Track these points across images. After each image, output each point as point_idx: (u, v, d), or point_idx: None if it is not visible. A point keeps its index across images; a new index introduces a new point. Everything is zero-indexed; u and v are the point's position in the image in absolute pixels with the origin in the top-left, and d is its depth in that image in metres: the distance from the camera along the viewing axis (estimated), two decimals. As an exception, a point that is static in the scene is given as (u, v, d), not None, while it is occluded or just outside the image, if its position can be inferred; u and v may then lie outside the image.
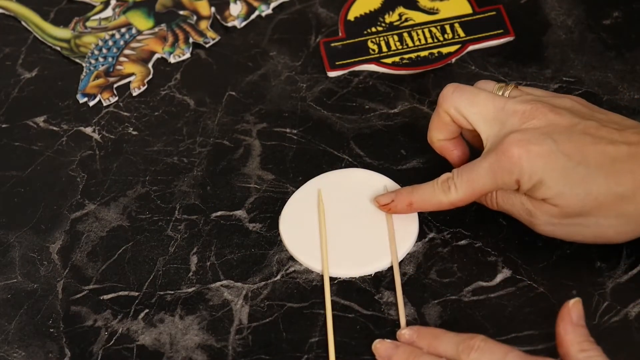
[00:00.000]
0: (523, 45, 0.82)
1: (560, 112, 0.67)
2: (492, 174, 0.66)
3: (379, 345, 0.66)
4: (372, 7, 0.86)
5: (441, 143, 0.71)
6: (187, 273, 0.72)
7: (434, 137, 0.71)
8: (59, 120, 0.82)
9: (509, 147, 0.65)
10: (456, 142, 0.71)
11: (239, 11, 0.88)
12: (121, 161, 0.79)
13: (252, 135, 0.79)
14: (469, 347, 0.62)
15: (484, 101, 0.68)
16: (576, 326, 0.61)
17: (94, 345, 0.69)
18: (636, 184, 0.64)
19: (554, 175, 0.65)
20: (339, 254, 0.71)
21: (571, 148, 0.65)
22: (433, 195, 0.69)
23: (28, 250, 0.74)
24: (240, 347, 0.68)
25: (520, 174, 0.65)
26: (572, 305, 0.61)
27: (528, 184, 0.65)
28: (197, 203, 0.76)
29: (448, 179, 0.68)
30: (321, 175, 0.76)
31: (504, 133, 0.66)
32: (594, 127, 0.66)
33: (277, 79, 0.83)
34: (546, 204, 0.66)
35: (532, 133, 0.65)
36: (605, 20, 0.83)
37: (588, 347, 0.61)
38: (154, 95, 0.83)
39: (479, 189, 0.67)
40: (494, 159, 0.66)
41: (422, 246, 0.72)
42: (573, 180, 0.65)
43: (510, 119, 0.67)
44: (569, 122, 0.66)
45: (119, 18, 0.88)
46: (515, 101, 0.68)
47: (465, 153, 0.72)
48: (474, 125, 0.69)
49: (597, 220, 0.65)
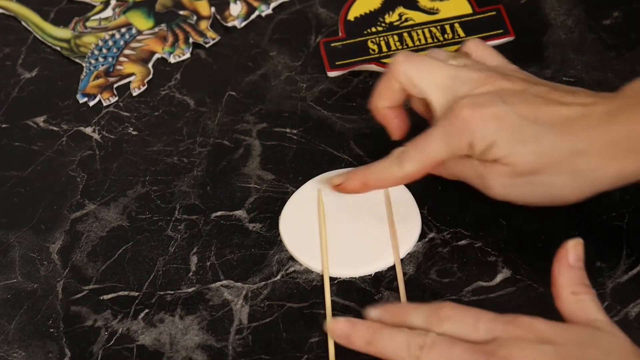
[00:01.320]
0: (523, 45, 0.82)
1: (512, 78, 0.67)
2: (445, 140, 0.66)
3: (332, 325, 0.64)
4: (372, 7, 0.86)
5: (385, 111, 0.71)
6: (187, 273, 0.72)
7: (378, 104, 0.71)
8: (59, 120, 0.82)
9: (460, 111, 0.65)
10: (398, 110, 0.71)
11: (239, 11, 0.88)
12: (121, 161, 0.79)
13: (252, 135, 0.79)
14: (439, 318, 0.60)
15: (436, 69, 0.68)
16: (571, 268, 0.61)
17: (94, 345, 0.69)
18: (590, 140, 0.64)
19: (506, 135, 0.65)
20: (339, 254, 0.71)
21: (523, 109, 0.65)
22: (387, 170, 0.69)
23: (28, 250, 0.74)
24: (240, 347, 0.68)
25: (473, 136, 0.65)
26: (571, 247, 0.61)
27: (481, 145, 0.65)
28: (197, 203, 0.76)
29: (402, 152, 0.68)
30: (321, 175, 0.76)
31: (455, 99, 0.66)
32: (545, 90, 0.66)
33: (277, 79, 0.83)
34: (498, 165, 0.65)
35: (484, 96, 0.66)
36: (605, 20, 0.83)
37: (580, 291, 0.60)
38: (154, 95, 0.83)
39: (433, 158, 0.67)
40: (446, 124, 0.66)
41: (422, 246, 0.72)
42: (525, 139, 0.64)
43: (462, 87, 0.67)
44: (520, 87, 0.66)
45: (119, 18, 0.88)
46: (468, 69, 0.68)
47: (406, 123, 0.72)
48: (426, 94, 0.68)
49: (550, 178, 0.65)
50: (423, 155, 0.67)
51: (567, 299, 0.60)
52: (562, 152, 0.64)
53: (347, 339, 0.63)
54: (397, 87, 0.69)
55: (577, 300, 0.60)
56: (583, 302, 0.60)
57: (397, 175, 0.68)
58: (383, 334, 0.61)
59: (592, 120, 0.64)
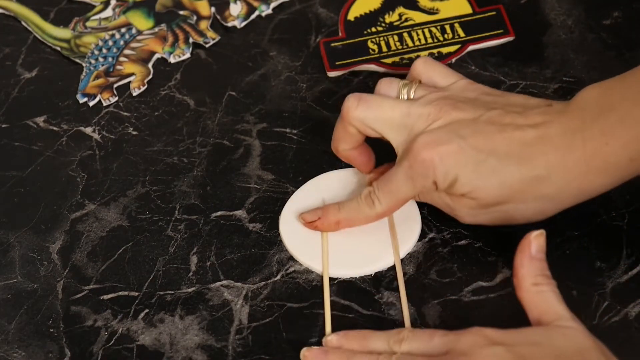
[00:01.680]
0: (523, 45, 0.82)
1: (463, 107, 0.67)
2: (410, 181, 0.67)
3: (307, 353, 0.66)
4: (372, 7, 0.86)
5: (347, 152, 0.72)
6: (187, 273, 0.72)
7: (339, 147, 0.72)
8: (59, 120, 0.82)
9: (419, 152, 0.66)
10: (361, 149, 0.72)
11: (239, 11, 0.88)
12: (121, 161, 0.79)
13: (252, 135, 0.79)
14: (399, 340, 0.63)
15: (388, 110, 0.69)
16: (533, 259, 0.62)
17: (94, 345, 0.69)
18: (549, 165, 0.65)
19: (467, 171, 0.65)
20: (339, 254, 0.71)
21: (479, 141, 0.65)
22: (359, 211, 0.70)
23: (28, 250, 0.74)
24: (240, 347, 0.68)
25: (435, 175, 0.66)
26: (533, 238, 0.62)
27: (444, 183, 0.66)
28: (197, 203, 0.76)
29: (370, 193, 0.69)
30: (321, 175, 0.76)
31: (412, 138, 0.67)
32: (497, 115, 0.66)
33: (277, 79, 0.83)
34: (465, 198, 0.67)
35: (439, 133, 0.66)
36: (605, 20, 0.83)
37: (541, 281, 0.61)
38: (154, 95, 0.83)
39: (401, 198, 0.69)
40: (407, 166, 0.67)
41: (422, 246, 0.72)
42: (486, 173, 0.65)
43: (417, 123, 0.68)
44: (472, 116, 0.67)
45: (119, 18, 0.88)
46: (419, 104, 0.68)
47: (371, 158, 0.73)
48: (382, 134, 0.69)
49: (516, 206, 0.66)
50: (391, 196, 0.69)
51: (528, 290, 0.62)
52: (523, 181, 0.65)
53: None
54: (353, 131, 0.70)
55: (537, 291, 0.61)
56: (544, 293, 0.61)
57: (369, 215, 0.70)
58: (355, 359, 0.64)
59: (548, 144, 0.65)
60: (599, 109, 0.64)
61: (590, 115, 0.64)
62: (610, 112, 0.64)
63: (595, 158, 0.64)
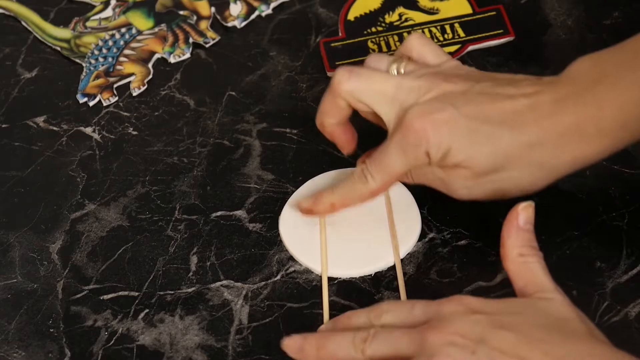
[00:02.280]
0: (523, 45, 0.82)
1: (454, 79, 0.67)
2: (402, 153, 0.67)
3: (288, 341, 0.65)
4: (372, 7, 0.86)
5: (332, 127, 0.72)
6: (187, 273, 0.72)
7: (325, 121, 0.71)
8: (59, 120, 0.82)
9: (411, 122, 0.66)
10: (346, 126, 0.72)
11: (239, 11, 0.88)
12: (121, 161, 0.79)
13: (252, 135, 0.79)
14: (378, 314, 0.62)
15: (379, 82, 0.68)
16: (520, 230, 0.62)
17: (94, 345, 0.69)
18: (542, 131, 0.65)
19: (460, 140, 0.65)
20: (339, 254, 0.71)
21: (471, 110, 0.65)
22: (352, 189, 0.69)
23: (28, 250, 0.74)
24: (240, 347, 0.68)
25: (428, 145, 0.66)
26: (521, 209, 0.62)
27: (437, 153, 0.66)
28: (197, 203, 0.76)
29: (363, 170, 0.69)
30: (321, 175, 0.76)
31: (403, 110, 0.67)
32: (488, 86, 0.67)
33: (277, 79, 0.83)
34: (458, 169, 0.66)
35: (431, 103, 0.66)
36: (605, 20, 0.83)
37: (527, 252, 0.61)
38: (154, 95, 0.83)
39: (394, 172, 0.68)
40: (400, 137, 0.66)
41: (422, 246, 0.72)
42: (479, 140, 0.65)
43: (408, 96, 0.67)
44: (463, 87, 0.67)
45: (119, 18, 0.88)
46: (410, 78, 0.68)
47: (354, 137, 0.72)
48: (374, 108, 0.69)
49: (510, 174, 0.66)
50: (384, 171, 0.68)
51: (514, 260, 0.62)
52: (516, 148, 0.65)
53: (300, 351, 0.64)
54: (343, 104, 0.70)
55: (523, 262, 0.61)
56: (529, 264, 0.61)
57: (364, 192, 0.69)
58: (331, 338, 0.63)
59: (540, 111, 0.65)
60: (590, 77, 0.65)
61: (582, 83, 0.65)
62: (602, 79, 0.64)
63: (587, 124, 0.64)
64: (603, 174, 0.73)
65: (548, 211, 0.70)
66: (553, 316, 0.59)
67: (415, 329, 0.59)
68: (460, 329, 0.58)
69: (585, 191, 0.72)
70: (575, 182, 0.72)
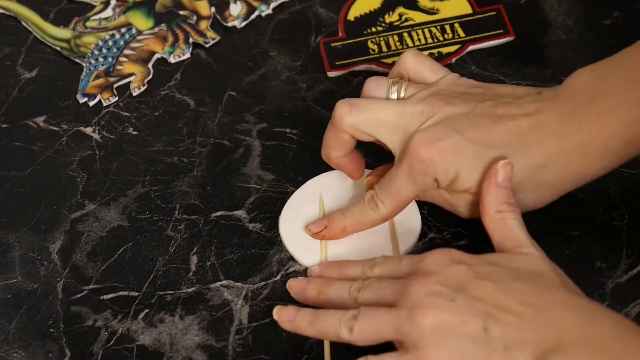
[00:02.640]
0: (523, 45, 0.82)
1: (455, 102, 0.67)
2: (411, 181, 0.67)
3: (292, 283, 0.68)
4: (372, 7, 0.86)
5: (339, 160, 0.72)
6: (187, 273, 0.72)
7: (331, 155, 0.71)
8: (59, 120, 0.82)
9: (417, 151, 0.66)
10: (352, 155, 0.72)
11: (239, 11, 0.88)
12: (121, 161, 0.79)
13: (252, 135, 0.79)
14: (372, 266, 0.66)
15: (381, 112, 0.68)
16: (499, 187, 0.64)
17: (94, 345, 0.69)
18: (547, 153, 0.65)
19: (466, 165, 0.66)
20: (338, 254, 0.71)
21: (476, 134, 0.66)
22: (364, 215, 0.70)
23: (28, 250, 0.74)
24: (240, 347, 0.68)
25: (436, 173, 0.66)
26: (500, 166, 0.64)
27: (445, 180, 0.66)
28: (197, 203, 0.76)
29: (373, 197, 0.69)
30: (321, 175, 0.76)
31: (407, 137, 0.67)
32: (490, 107, 0.67)
33: (277, 79, 0.83)
34: (466, 194, 0.67)
35: (435, 129, 0.66)
36: (605, 20, 0.83)
37: (505, 209, 0.64)
38: (154, 95, 0.83)
39: (404, 198, 0.68)
40: (407, 165, 0.67)
41: (422, 246, 0.72)
42: (485, 166, 0.65)
43: (411, 122, 0.67)
44: (465, 110, 0.67)
45: (119, 18, 0.88)
46: (411, 102, 0.68)
47: (362, 164, 0.73)
48: (378, 138, 0.69)
49: (516, 197, 0.66)
50: (394, 197, 0.68)
51: (493, 217, 0.64)
52: (522, 171, 0.65)
53: (304, 292, 0.67)
54: (347, 137, 0.70)
55: (501, 218, 0.64)
56: (506, 221, 0.64)
57: (375, 218, 0.70)
58: (332, 284, 0.66)
59: (544, 131, 0.65)
60: (592, 93, 0.65)
61: (584, 99, 0.65)
62: (605, 95, 0.64)
63: (593, 142, 0.64)
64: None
65: (548, 211, 0.70)
66: (529, 269, 0.61)
67: (399, 281, 0.62)
68: (440, 278, 0.60)
69: (585, 191, 0.72)
70: (575, 182, 0.72)
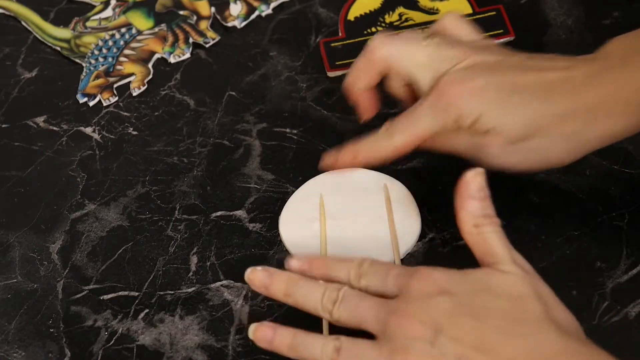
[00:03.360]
0: (523, 45, 0.82)
1: (487, 52, 0.69)
2: (433, 114, 0.67)
3: (251, 275, 0.65)
4: (372, 7, 0.86)
5: (360, 92, 0.72)
6: (187, 273, 0.72)
7: (355, 85, 0.72)
8: (59, 120, 0.82)
9: (444, 88, 0.67)
10: (372, 92, 0.72)
11: (239, 11, 0.88)
12: (121, 161, 0.79)
13: (252, 135, 0.79)
14: (358, 275, 0.63)
15: (415, 49, 0.69)
16: (473, 200, 0.62)
17: (94, 345, 0.69)
18: (573, 104, 0.65)
19: (491, 107, 0.66)
20: (338, 254, 0.71)
21: (503, 80, 0.66)
22: (376, 144, 0.70)
23: (28, 250, 0.74)
24: (240, 347, 0.68)
25: (460, 111, 0.66)
26: (471, 177, 0.62)
27: (468, 119, 0.66)
28: (197, 203, 0.76)
29: (391, 125, 0.69)
30: (321, 175, 0.76)
31: (438, 76, 0.68)
32: (522, 59, 0.68)
33: (277, 79, 0.83)
34: (489, 135, 0.67)
35: (464, 72, 0.67)
36: (605, 20, 0.83)
37: (482, 222, 0.62)
38: (154, 95, 0.83)
39: (422, 131, 0.68)
40: (432, 100, 0.67)
41: (422, 246, 0.72)
42: (511, 108, 0.66)
43: (442, 64, 0.68)
44: (497, 59, 0.68)
45: (119, 18, 0.88)
46: (444, 47, 0.69)
47: (376, 104, 0.73)
48: (408, 74, 0.69)
49: (540, 143, 0.66)
50: (412, 127, 0.68)
51: (470, 232, 0.62)
52: (548, 117, 0.66)
53: (267, 290, 0.65)
54: (377, 70, 0.70)
55: (478, 232, 0.62)
56: (484, 234, 0.62)
57: (387, 148, 0.69)
58: (300, 285, 0.64)
59: (574, 83, 0.65)
60: (625, 54, 0.65)
61: (616, 59, 0.65)
62: (633, 56, 0.65)
63: (615, 98, 0.64)
64: (603, 174, 0.73)
65: (548, 211, 0.70)
66: (509, 293, 0.59)
67: (382, 307, 0.60)
68: (422, 317, 0.59)
69: (585, 191, 0.72)
70: (575, 182, 0.72)
